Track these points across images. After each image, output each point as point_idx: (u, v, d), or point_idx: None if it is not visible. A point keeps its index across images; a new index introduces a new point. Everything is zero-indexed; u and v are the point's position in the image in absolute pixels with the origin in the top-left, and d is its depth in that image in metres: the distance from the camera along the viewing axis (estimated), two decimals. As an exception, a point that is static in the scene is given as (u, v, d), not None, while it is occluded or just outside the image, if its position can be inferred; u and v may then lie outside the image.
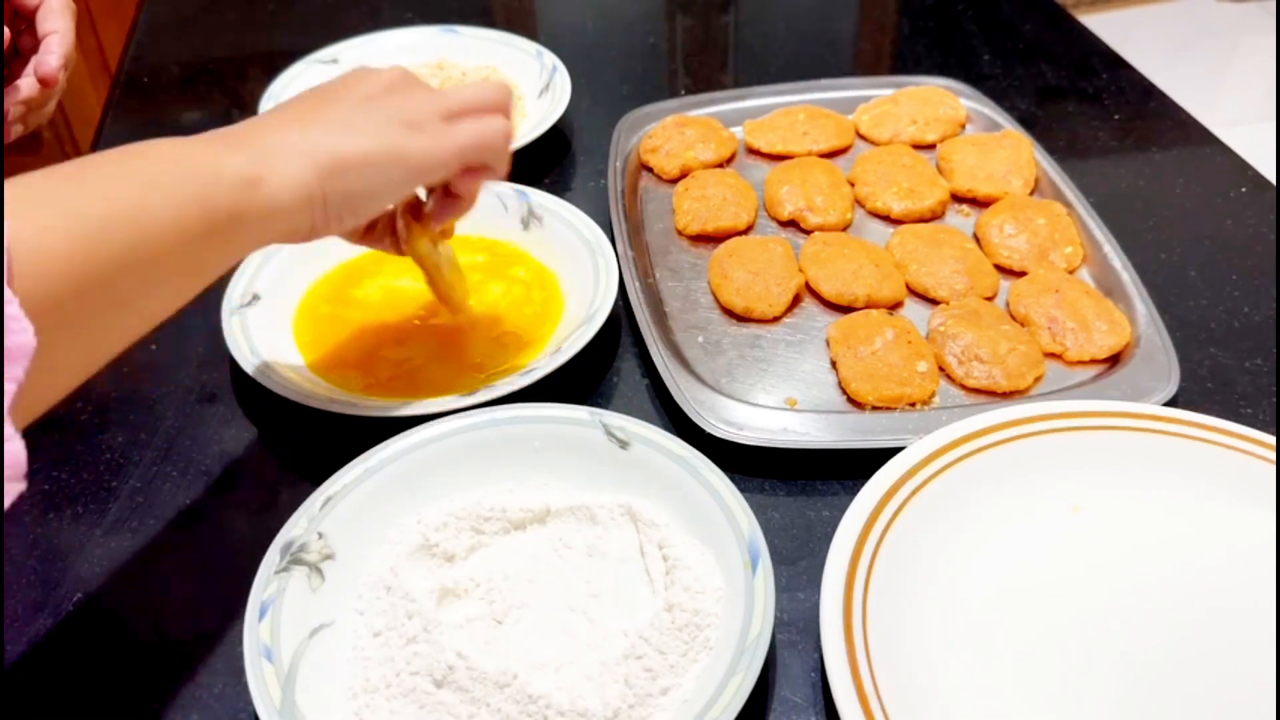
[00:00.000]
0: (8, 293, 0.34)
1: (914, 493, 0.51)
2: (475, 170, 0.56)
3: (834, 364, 0.63)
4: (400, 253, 0.60)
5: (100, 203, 0.40)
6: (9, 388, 0.34)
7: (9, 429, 0.35)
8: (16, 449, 0.35)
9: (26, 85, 0.65)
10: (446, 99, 0.54)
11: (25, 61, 0.66)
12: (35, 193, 0.39)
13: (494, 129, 0.55)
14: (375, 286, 0.70)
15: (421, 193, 0.59)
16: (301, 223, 0.48)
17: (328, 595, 0.48)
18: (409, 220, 0.59)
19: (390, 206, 0.58)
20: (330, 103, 0.51)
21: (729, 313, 0.67)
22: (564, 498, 0.53)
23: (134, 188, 0.42)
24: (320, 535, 0.50)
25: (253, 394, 0.62)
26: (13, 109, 0.65)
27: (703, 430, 0.57)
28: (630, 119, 0.84)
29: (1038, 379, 0.61)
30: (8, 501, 0.35)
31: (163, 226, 0.42)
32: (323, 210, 0.49)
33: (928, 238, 0.71)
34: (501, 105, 0.56)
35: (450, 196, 0.58)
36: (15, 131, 0.66)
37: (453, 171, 0.55)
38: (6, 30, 0.63)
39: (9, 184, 0.38)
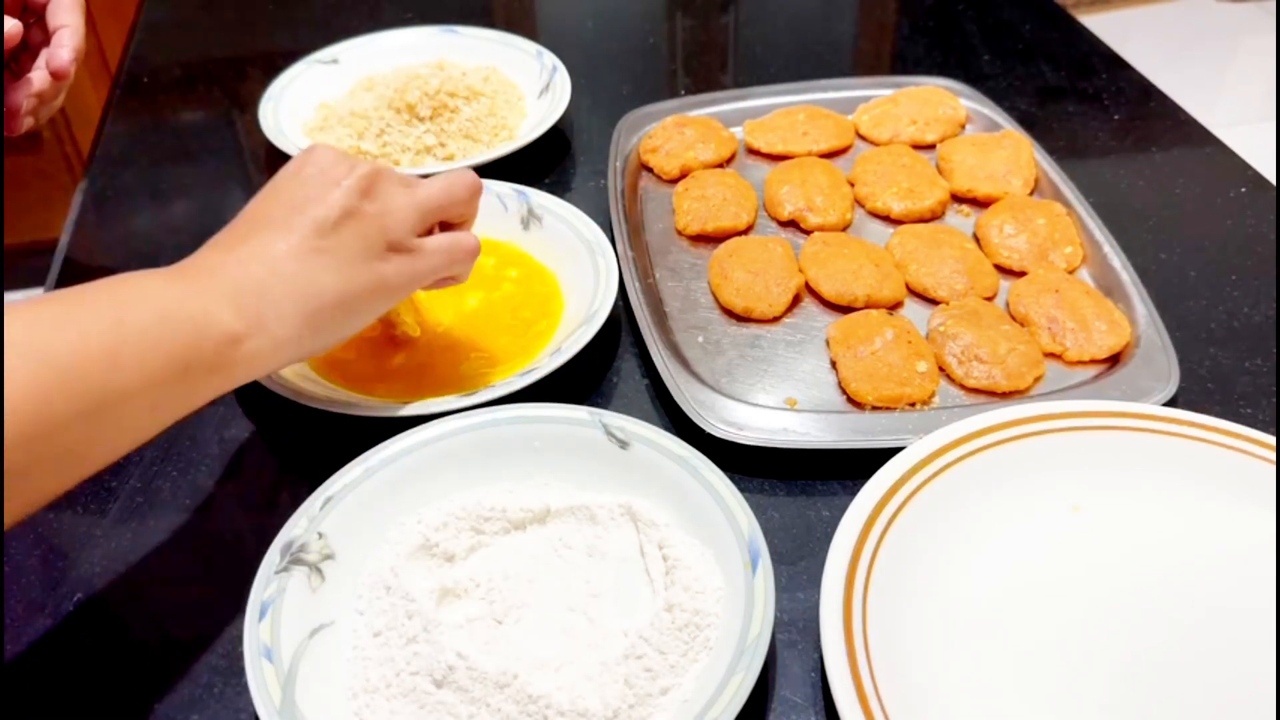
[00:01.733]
0: None
1: (914, 493, 0.51)
2: (442, 279, 0.58)
3: (834, 364, 0.63)
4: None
5: (78, 349, 0.40)
6: None
7: None
8: None
9: (38, 79, 0.65)
10: (420, 203, 0.54)
11: (35, 55, 0.66)
12: (10, 326, 0.38)
13: (464, 248, 0.57)
14: (375, 286, 0.69)
15: None
16: (277, 366, 0.50)
17: (328, 595, 0.49)
18: None
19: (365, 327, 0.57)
20: (317, 221, 0.50)
21: (729, 313, 0.67)
22: (564, 498, 0.53)
23: (113, 335, 0.41)
24: (320, 535, 0.50)
25: (253, 394, 0.62)
26: (25, 101, 0.65)
27: (703, 430, 0.57)
28: (630, 119, 0.84)
29: (1038, 379, 0.61)
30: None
31: (138, 375, 0.42)
32: (304, 353, 0.51)
33: (928, 238, 0.71)
34: (471, 201, 0.58)
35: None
36: (26, 124, 0.66)
37: (425, 286, 0.57)
38: (10, 20, 0.63)
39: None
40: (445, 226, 0.58)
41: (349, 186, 0.52)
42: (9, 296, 1.60)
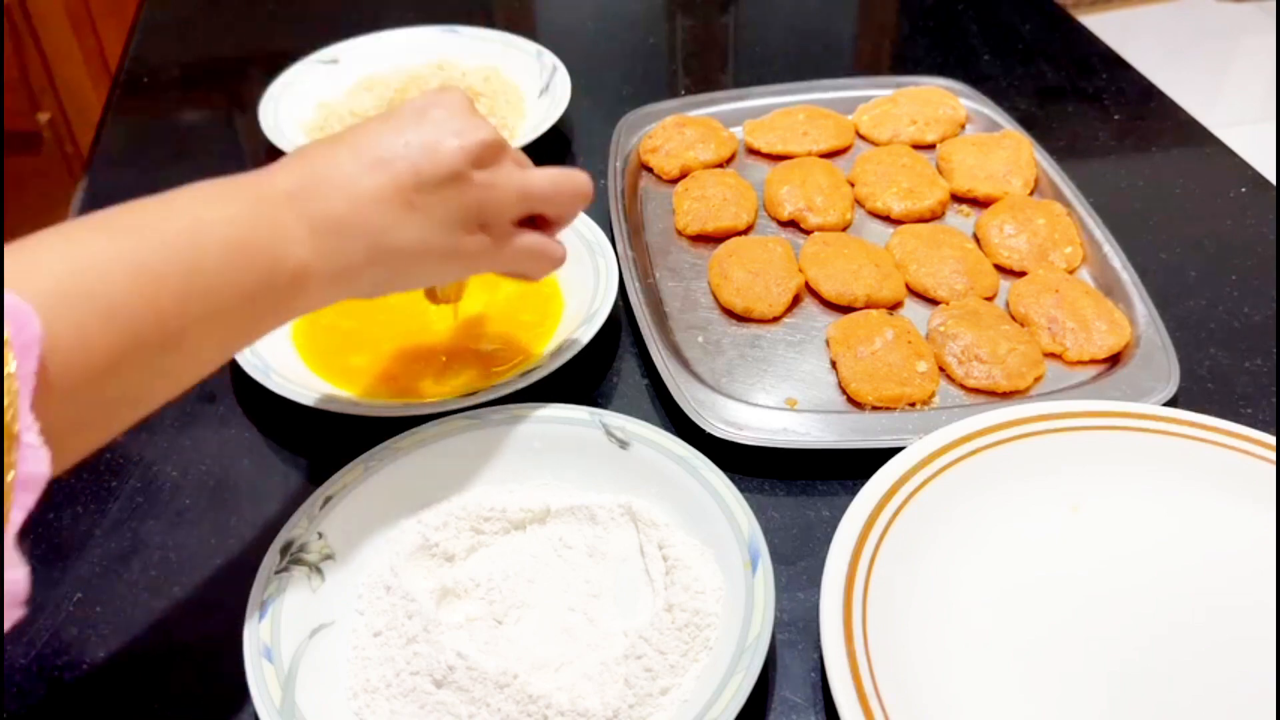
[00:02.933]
0: (28, 419, 0.33)
1: (914, 493, 0.51)
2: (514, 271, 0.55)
3: (834, 364, 0.63)
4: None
5: (154, 268, 0.38)
6: (18, 515, 0.34)
7: (14, 557, 0.35)
8: (18, 578, 0.35)
9: None
10: (527, 190, 0.51)
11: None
12: (78, 278, 0.36)
13: (550, 255, 0.54)
14: (375, 286, 0.70)
15: None
16: (335, 299, 0.47)
17: (328, 595, 0.49)
18: None
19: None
20: (419, 174, 0.47)
21: (729, 313, 0.67)
22: (564, 498, 0.53)
23: (189, 257, 0.40)
24: (320, 535, 0.50)
25: (253, 394, 0.62)
26: None
27: (703, 430, 0.57)
28: (630, 119, 0.84)
29: (1038, 379, 0.61)
30: (10, 623, 0.35)
31: (207, 304, 0.40)
32: (360, 294, 0.48)
33: (927, 238, 0.71)
34: (575, 203, 0.54)
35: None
36: None
37: (499, 272, 0.54)
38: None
39: (75, 244, 0.37)
40: (540, 219, 0.54)
41: (466, 148, 0.48)
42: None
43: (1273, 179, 0.80)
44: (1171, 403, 0.59)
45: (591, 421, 0.54)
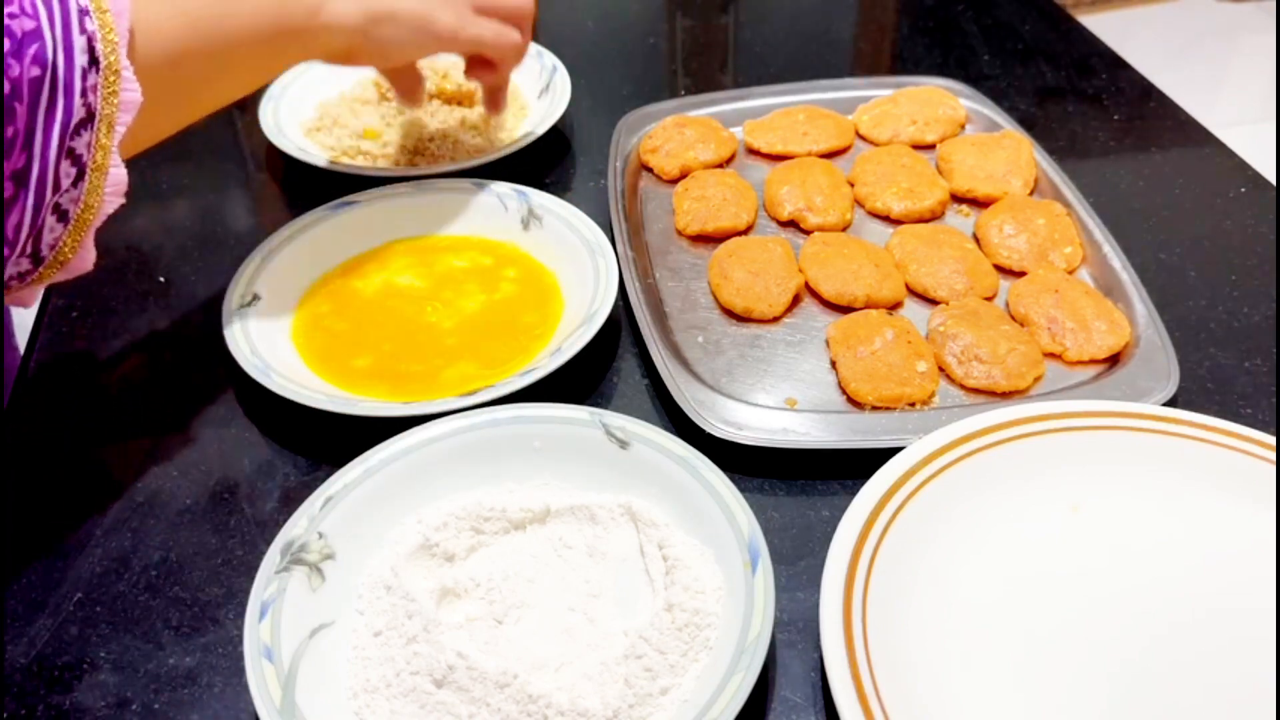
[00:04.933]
0: (124, 60, 0.47)
1: (914, 493, 0.51)
2: (485, 63, 0.73)
3: (834, 364, 0.63)
4: (408, 102, 0.78)
5: (198, 1, 0.53)
6: (119, 130, 0.48)
7: (116, 158, 0.49)
8: (121, 173, 0.49)
9: None
10: None
11: None
12: None
13: (510, 39, 0.71)
14: (375, 287, 0.70)
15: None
16: (341, 47, 0.63)
17: (328, 595, 0.49)
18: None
19: (414, 59, 0.73)
20: None
21: (729, 313, 0.67)
22: (564, 498, 0.53)
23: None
24: (320, 535, 0.50)
25: (253, 394, 0.62)
26: None
27: (703, 430, 0.57)
28: (630, 119, 0.84)
29: (1037, 379, 0.61)
30: (111, 207, 0.49)
31: (242, 28, 0.55)
32: (361, 43, 0.63)
33: (927, 238, 0.71)
34: (523, 16, 0.71)
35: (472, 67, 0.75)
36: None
37: (465, 53, 0.71)
38: None
39: None
40: (484, 61, 0.73)
41: None
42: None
43: (1273, 179, 0.80)
44: (1171, 403, 0.59)
45: (591, 421, 0.54)
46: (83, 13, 0.46)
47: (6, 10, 0.44)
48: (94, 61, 0.46)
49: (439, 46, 0.68)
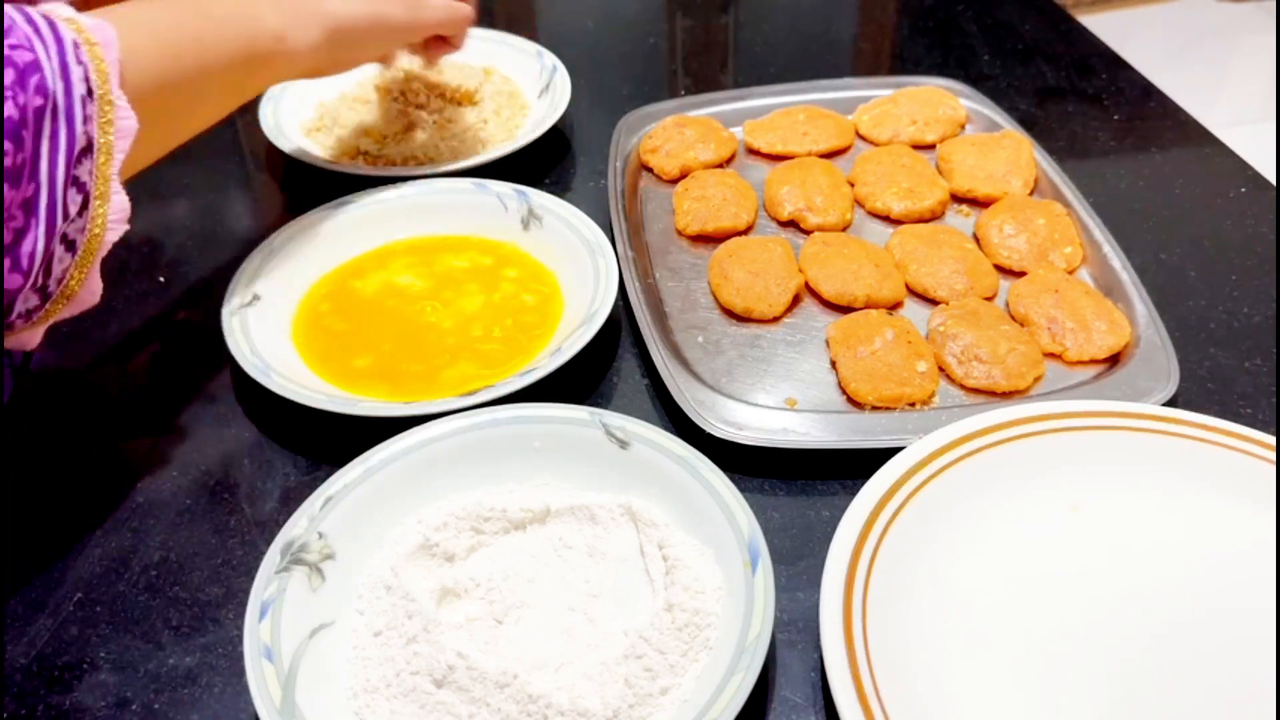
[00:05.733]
0: (116, 90, 0.49)
1: (914, 493, 0.51)
2: (441, 40, 0.77)
3: (834, 364, 0.63)
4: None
5: (174, 30, 0.55)
6: (118, 158, 0.50)
7: (117, 184, 0.50)
8: (123, 200, 0.51)
9: None
10: None
11: None
12: (129, 23, 0.53)
13: (461, 13, 0.75)
14: (375, 287, 0.70)
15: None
16: (308, 67, 0.66)
17: (328, 595, 0.49)
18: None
19: (377, 56, 0.77)
20: None
21: (729, 313, 0.67)
22: (564, 498, 0.53)
23: (198, 23, 0.57)
24: (320, 535, 0.50)
25: (253, 394, 0.62)
26: None
27: (703, 430, 0.57)
28: (630, 119, 0.84)
29: (1037, 379, 0.61)
30: (115, 235, 0.51)
31: (216, 56, 0.57)
32: (327, 59, 0.66)
33: (927, 238, 0.71)
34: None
35: (429, 50, 0.79)
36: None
37: (422, 37, 0.75)
38: None
39: (120, 10, 0.54)
40: (441, 41, 0.78)
41: None
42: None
43: (1273, 179, 0.80)
44: (1171, 403, 0.59)
45: (591, 421, 0.54)
46: (75, 45, 0.48)
47: (7, 42, 0.45)
48: (90, 91, 0.48)
49: (398, 39, 0.73)
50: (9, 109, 0.44)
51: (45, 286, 0.49)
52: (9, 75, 0.45)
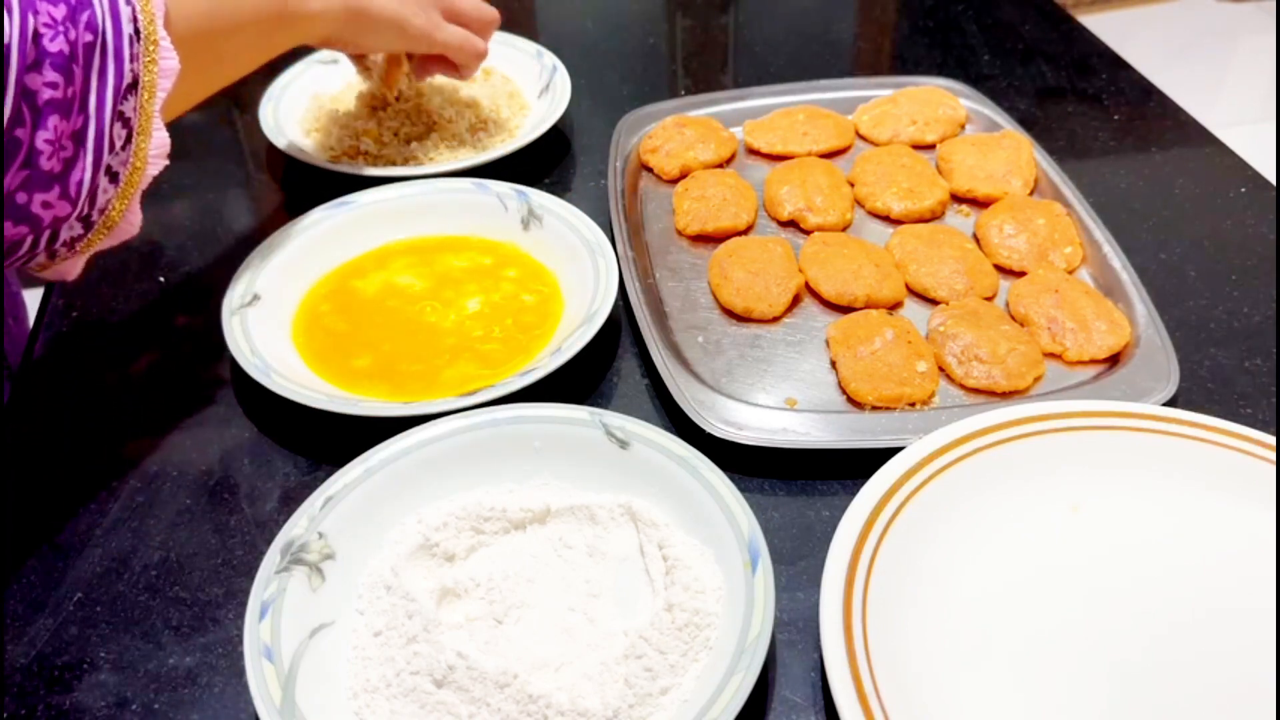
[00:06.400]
0: (162, 30, 0.52)
1: (914, 493, 0.51)
2: (445, 62, 0.79)
3: (834, 364, 0.63)
4: (379, 87, 0.84)
5: None
6: (160, 96, 0.52)
7: (159, 121, 0.53)
8: (163, 136, 0.54)
9: None
10: (451, 2, 0.77)
11: None
12: None
13: (474, 45, 0.78)
14: (375, 287, 0.70)
15: None
16: (322, 34, 0.69)
17: (328, 595, 0.49)
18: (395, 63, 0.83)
19: (384, 52, 0.81)
20: None
21: (729, 313, 0.67)
22: (564, 498, 0.53)
23: None
24: (320, 535, 0.50)
25: (253, 394, 0.62)
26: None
27: (703, 430, 0.57)
28: (630, 119, 0.84)
29: (1037, 379, 0.61)
30: (155, 169, 0.54)
31: (251, 8, 0.61)
32: (339, 31, 0.70)
33: (927, 238, 0.71)
34: (488, 25, 0.80)
35: (425, 65, 0.81)
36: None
37: (432, 52, 0.77)
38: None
39: None
40: (448, 63, 0.79)
41: None
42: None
43: (1273, 179, 0.80)
44: (1171, 403, 0.59)
45: (591, 421, 0.54)
46: None
47: None
48: (137, 31, 0.51)
49: (409, 45, 0.75)
50: (61, 44, 0.47)
51: (89, 216, 0.52)
52: (61, 11, 0.48)
